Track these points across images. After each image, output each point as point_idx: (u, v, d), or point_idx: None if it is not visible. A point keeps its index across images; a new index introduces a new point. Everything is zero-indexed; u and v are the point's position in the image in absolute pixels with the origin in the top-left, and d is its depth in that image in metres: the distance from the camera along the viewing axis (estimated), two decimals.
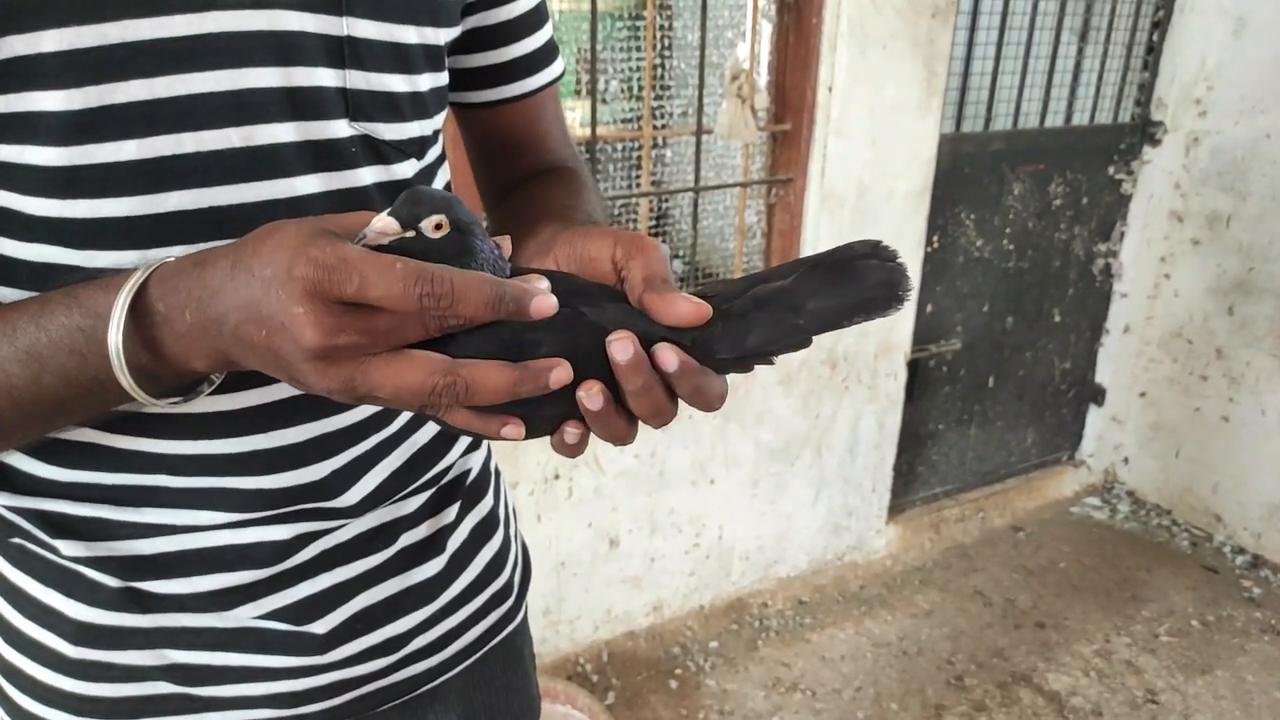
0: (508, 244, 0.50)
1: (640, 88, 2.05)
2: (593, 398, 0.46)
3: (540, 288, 0.45)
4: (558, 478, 2.03)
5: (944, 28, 2.14)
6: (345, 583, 0.65)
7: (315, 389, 0.44)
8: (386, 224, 0.44)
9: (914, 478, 2.74)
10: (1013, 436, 2.92)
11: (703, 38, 1.95)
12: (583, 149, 1.91)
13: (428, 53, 0.61)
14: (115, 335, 0.45)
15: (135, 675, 0.62)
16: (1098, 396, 3.02)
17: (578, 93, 2.08)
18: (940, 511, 2.77)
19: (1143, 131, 2.73)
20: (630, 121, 2.14)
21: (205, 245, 0.52)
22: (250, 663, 0.63)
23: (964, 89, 2.40)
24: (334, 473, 0.61)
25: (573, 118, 2.03)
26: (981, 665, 2.28)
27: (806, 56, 2.04)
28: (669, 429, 2.03)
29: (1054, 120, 2.59)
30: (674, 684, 2.18)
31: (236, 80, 0.51)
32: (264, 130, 0.53)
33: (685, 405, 0.50)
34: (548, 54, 0.75)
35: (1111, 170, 2.73)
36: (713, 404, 0.49)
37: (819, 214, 2.13)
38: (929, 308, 2.52)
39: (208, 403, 0.55)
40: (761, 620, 2.41)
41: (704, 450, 2.21)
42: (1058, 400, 2.97)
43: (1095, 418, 3.05)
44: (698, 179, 2.08)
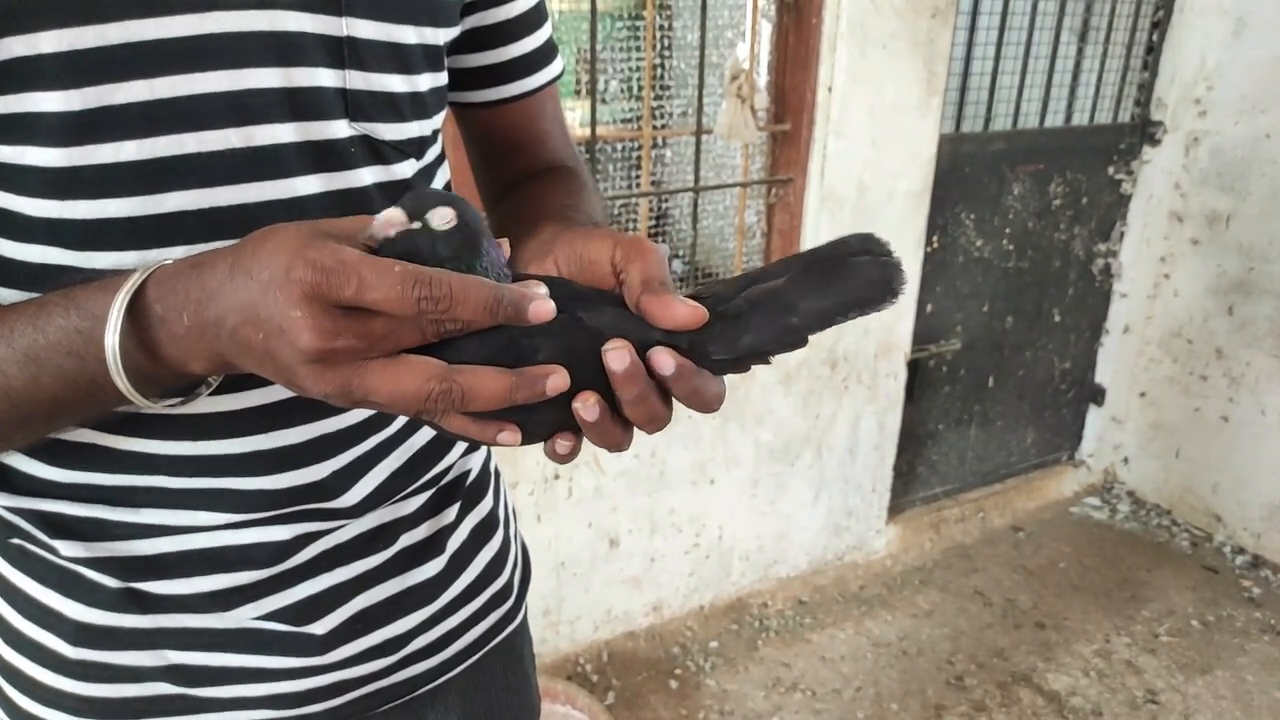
0: (505, 247, 0.50)
1: (640, 88, 2.04)
2: (589, 409, 0.46)
3: (539, 292, 0.45)
4: (557, 478, 2.03)
5: (944, 28, 2.14)
6: (345, 583, 0.65)
7: (311, 392, 0.44)
8: (393, 214, 0.44)
9: (914, 478, 2.74)
10: (1013, 436, 2.92)
11: (702, 38, 1.95)
12: (583, 149, 1.91)
13: (427, 53, 0.61)
14: (112, 337, 0.45)
15: (135, 676, 0.62)
16: (1097, 396, 3.01)
17: (578, 93, 2.08)
18: (940, 511, 2.77)
19: (1142, 131, 2.73)
20: (630, 121, 2.13)
21: (205, 246, 0.52)
22: (250, 663, 0.63)
23: (964, 89, 2.40)
24: (334, 473, 0.61)
25: (573, 118, 2.03)
26: (981, 665, 2.28)
27: (806, 56, 2.04)
28: (669, 429, 2.02)
29: (1054, 120, 2.59)
30: (674, 684, 2.18)
31: (236, 81, 0.51)
32: (264, 131, 0.53)
33: (685, 406, 0.50)
34: (547, 54, 0.75)
35: (1111, 170, 2.73)
36: (710, 405, 0.49)
37: (819, 214, 2.13)
38: (929, 308, 2.52)
39: (207, 403, 0.55)
40: (761, 620, 2.41)
41: (704, 450, 2.21)
42: (1057, 400, 2.97)
43: (1095, 418, 3.04)
44: (697, 179, 2.07)
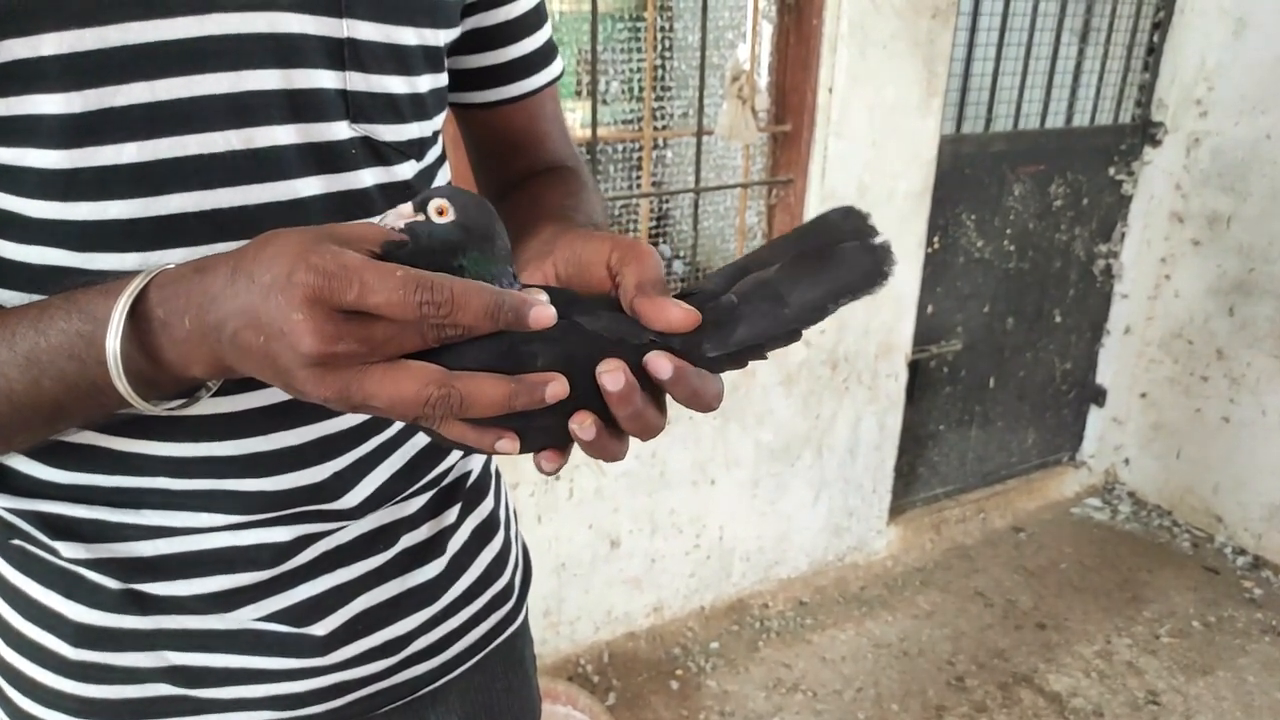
0: None
1: (641, 89, 2.04)
2: (585, 430, 0.46)
3: (539, 298, 0.45)
4: (558, 478, 2.03)
5: (944, 28, 2.14)
6: (346, 584, 0.65)
7: (310, 396, 0.44)
8: (403, 208, 0.47)
9: (914, 478, 2.74)
10: (1013, 437, 2.91)
11: (703, 39, 1.95)
12: (583, 150, 1.91)
13: (427, 54, 0.61)
14: (114, 341, 0.45)
15: (135, 677, 0.62)
16: (1098, 397, 3.01)
17: (578, 94, 2.08)
18: (941, 512, 2.77)
19: (1143, 132, 2.73)
20: (631, 122, 2.13)
21: (205, 248, 0.52)
22: (250, 664, 0.63)
23: (964, 90, 2.39)
24: (335, 474, 0.61)
25: (573, 119, 2.02)
26: (982, 666, 2.28)
27: (807, 57, 2.04)
28: (669, 430, 2.02)
29: (1054, 121, 2.58)
30: (675, 685, 2.18)
31: (237, 82, 0.51)
32: (264, 132, 0.53)
33: (685, 407, 0.50)
34: (547, 54, 0.75)
35: (1112, 171, 2.73)
36: (710, 405, 0.49)
37: None
38: (930, 308, 2.52)
39: (208, 405, 0.55)
40: (762, 621, 2.41)
41: (704, 451, 2.21)
42: (1058, 401, 2.97)
43: (1096, 418, 3.04)
44: (698, 180, 2.08)
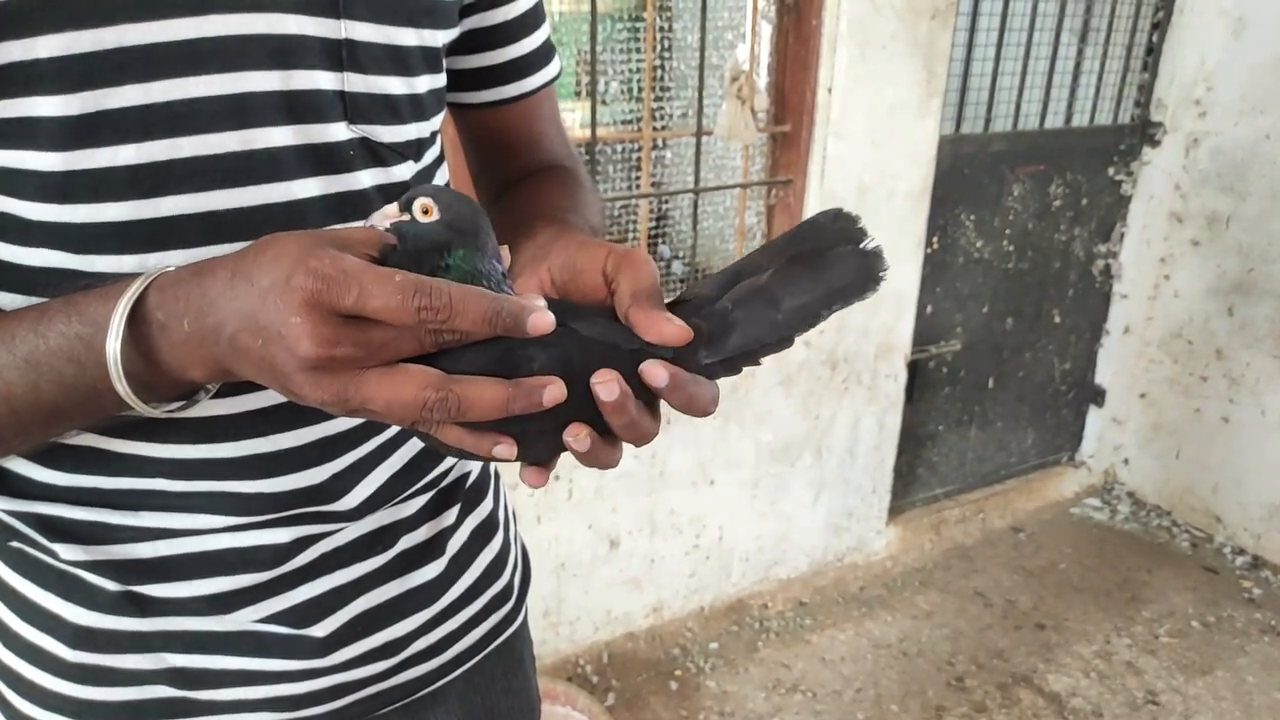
0: (506, 255, 0.50)
1: (640, 89, 2.04)
2: (580, 441, 0.47)
3: (538, 304, 0.45)
4: (558, 479, 2.03)
5: (944, 29, 2.14)
6: (345, 586, 0.65)
7: (308, 400, 0.44)
8: (389, 208, 0.48)
9: (914, 479, 2.74)
10: (1013, 437, 2.92)
11: (702, 39, 1.95)
12: (582, 150, 1.91)
13: (425, 55, 0.61)
14: (113, 344, 0.45)
15: (134, 679, 0.62)
16: (1098, 397, 3.01)
17: (578, 94, 2.08)
18: (940, 512, 2.77)
19: (1142, 132, 2.73)
20: (630, 123, 2.13)
21: (203, 249, 0.52)
22: (250, 666, 0.63)
23: (964, 90, 2.40)
24: (334, 476, 0.61)
25: (573, 119, 2.02)
26: (982, 666, 2.28)
27: (806, 58, 2.04)
28: (669, 430, 2.03)
29: (1054, 121, 2.59)
30: (674, 685, 2.18)
31: (234, 84, 0.51)
32: (262, 134, 0.53)
33: (681, 413, 0.50)
34: (545, 55, 0.75)
35: (1111, 171, 2.73)
36: (706, 410, 0.50)
37: None
38: (929, 309, 2.52)
39: (208, 407, 0.55)
40: (762, 621, 2.41)
41: (704, 451, 2.21)
42: (1058, 401, 2.97)
43: (1095, 418, 3.04)
44: (698, 180, 2.08)
